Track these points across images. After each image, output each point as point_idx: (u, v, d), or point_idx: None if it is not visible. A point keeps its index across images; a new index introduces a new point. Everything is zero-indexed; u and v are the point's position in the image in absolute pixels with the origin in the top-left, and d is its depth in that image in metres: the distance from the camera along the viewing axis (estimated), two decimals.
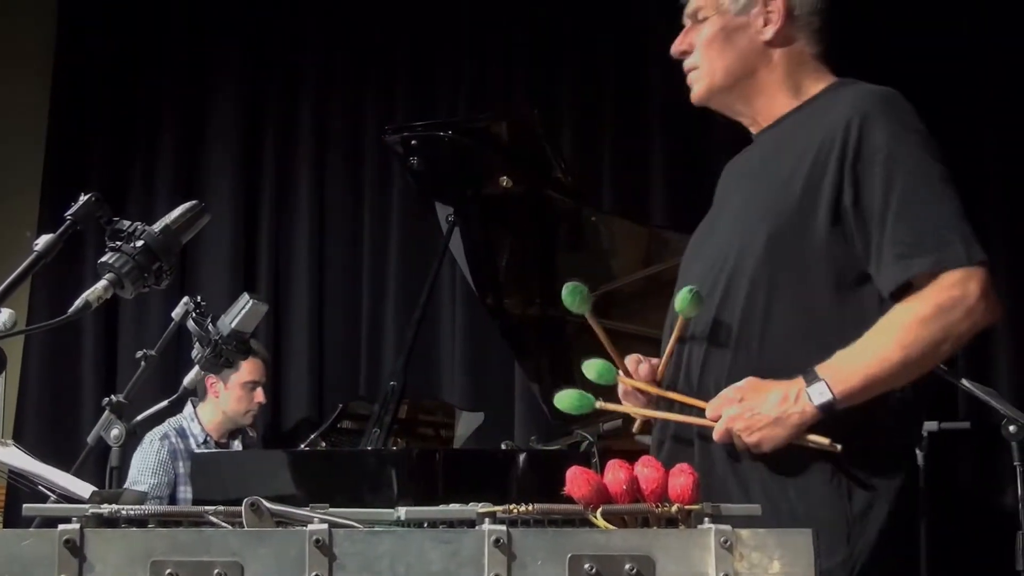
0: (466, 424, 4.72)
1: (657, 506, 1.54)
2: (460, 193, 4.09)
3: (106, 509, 1.51)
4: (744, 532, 1.48)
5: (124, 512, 1.51)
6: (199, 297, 2.76)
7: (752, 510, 1.56)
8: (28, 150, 5.82)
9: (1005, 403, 3.55)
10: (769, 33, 2.19)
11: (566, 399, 2.07)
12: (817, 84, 2.22)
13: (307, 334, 5.61)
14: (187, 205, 2.22)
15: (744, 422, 1.96)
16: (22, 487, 2.52)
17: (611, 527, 1.53)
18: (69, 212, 2.10)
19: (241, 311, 2.62)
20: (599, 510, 1.54)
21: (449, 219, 4.09)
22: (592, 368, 2.17)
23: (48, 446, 5.11)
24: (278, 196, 5.76)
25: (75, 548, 1.43)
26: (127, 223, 2.11)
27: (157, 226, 2.12)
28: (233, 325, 2.62)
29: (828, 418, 1.98)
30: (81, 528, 1.44)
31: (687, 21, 2.27)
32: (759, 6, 2.20)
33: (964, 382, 3.60)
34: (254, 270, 5.71)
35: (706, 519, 1.52)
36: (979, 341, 4.86)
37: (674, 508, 1.53)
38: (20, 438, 5.08)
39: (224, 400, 4.82)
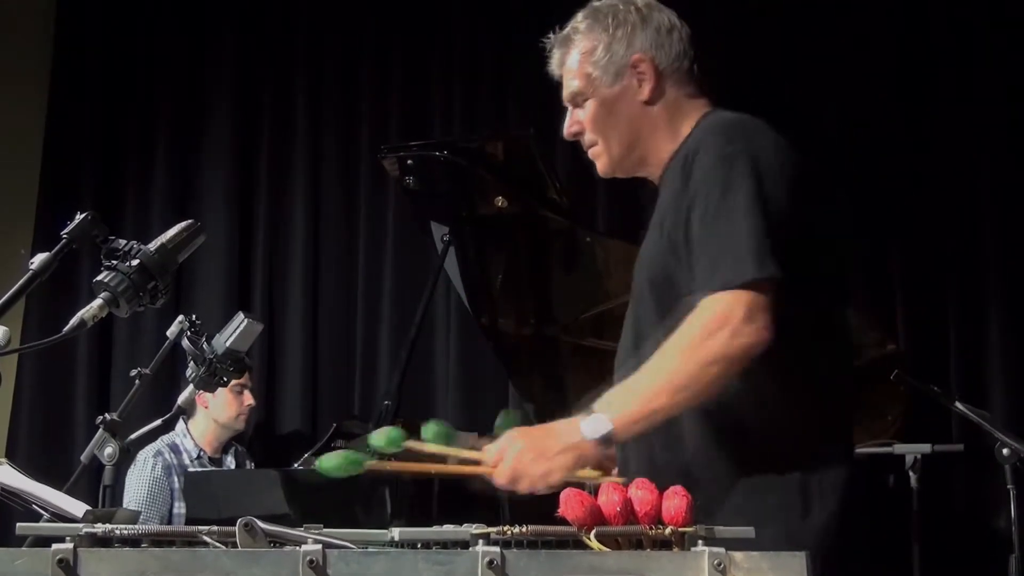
0: (459, 444, 4.70)
1: (651, 528, 1.54)
2: (455, 213, 4.10)
3: (100, 528, 1.51)
4: (738, 554, 1.48)
5: (117, 531, 1.51)
6: (194, 316, 2.76)
7: (746, 532, 1.57)
8: (24, 168, 5.82)
9: (998, 426, 3.57)
10: (646, 93, 2.25)
11: (331, 462, 1.90)
12: (691, 122, 2.26)
13: (301, 353, 5.60)
14: (183, 224, 2.23)
15: (532, 454, 1.93)
16: (15, 506, 2.51)
17: (605, 549, 1.53)
18: (65, 231, 2.10)
19: (236, 330, 2.63)
20: (593, 532, 1.54)
21: (444, 239, 4.10)
22: (382, 436, 2.05)
23: (41, 464, 5.09)
24: (273, 215, 5.76)
25: (68, 567, 1.42)
26: (123, 242, 2.11)
27: (153, 245, 2.13)
28: (228, 344, 2.62)
29: (755, 429, 2.01)
30: (75, 547, 1.44)
31: (568, 105, 2.32)
32: (629, 71, 2.24)
33: (958, 405, 3.62)
34: (249, 289, 5.71)
35: (700, 541, 1.52)
36: (972, 364, 4.92)
37: (668, 530, 1.53)
38: (13, 456, 5.08)
39: (215, 408, 4.84)
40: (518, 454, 1.92)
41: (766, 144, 2.11)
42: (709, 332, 1.95)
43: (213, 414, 4.86)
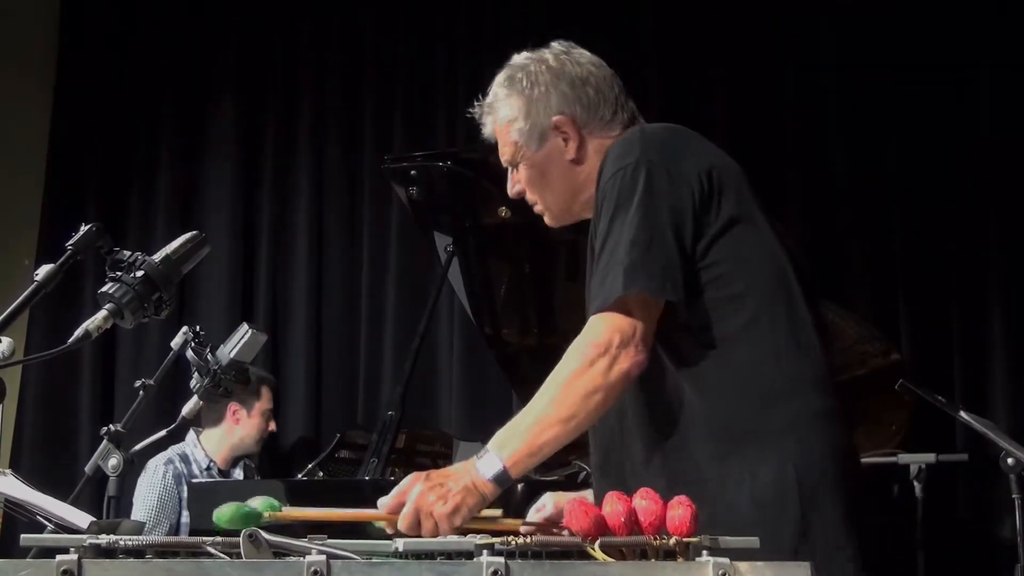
0: (464, 454, 4.69)
1: (655, 538, 1.54)
2: (459, 223, 4.10)
3: (104, 539, 1.51)
4: (742, 565, 1.48)
5: (122, 542, 1.51)
6: (198, 327, 2.76)
7: (750, 543, 1.56)
8: (27, 180, 5.84)
9: (1003, 435, 3.56)
10: (572, 152, 2.24)
11: (224, 514, 1.75)
12: None
13: (305, 363, 5.61)
14: (187, 235, 2.23)
15: (435, 493, 1.88)
16: (19, 517, 2.51)
17: (609, 559, 1.52)
18: (70, 242, 2.10)
19: (240, 341, 2.63)
20: (597, 542, 1.54)
21: (448, 249, 4.10)
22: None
23: (45, 475, 5.09)
24: (276, 226, 5.77)
25: None
26: (127, 253, 2.12)
27: (157, 256, 2.13)
28: (232, 355, 2.62)
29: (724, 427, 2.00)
30: (79, 559, 1.44)
31: (508, 168, 2.33)
32: (551, 133, 2.24)
33: (962, 414, 3.61)
34: (253, 300, 5.72)
35: (704, 551, 1.51)
36: (977, 373, 4.91)
37: (672, 540, 1.53)
38: (17, 467, 5.07)
39: (245, 426, 4.85)
40: (420, 495, 1.88)
41: (670, 151, 2.11)
42: (590, 361, 1.97)
43: (242, 432, 4.86)
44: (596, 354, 1.97)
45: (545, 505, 2.14)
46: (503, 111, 2.27)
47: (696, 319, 2.05)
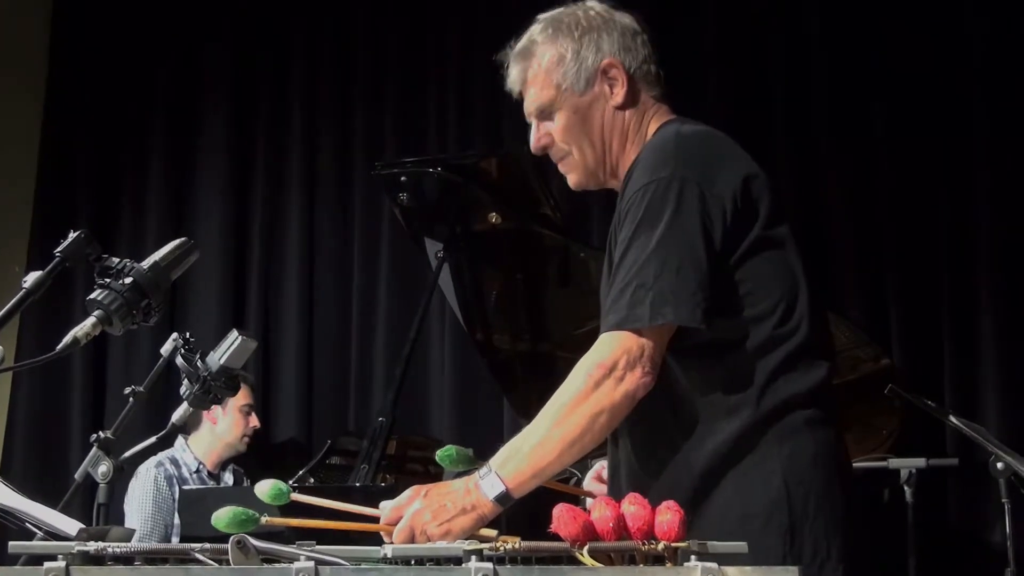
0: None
1: (644, 543, 1.54)
2: (449, 229, 4.11)
3: (92, 547, 1.51)
4: (731, 569, 1.48)
5: (110, 549, 1.51)
6: (188, 333, 2.75)
7: (739, 547, 1.56)
8: (18, 186, 5.83)
9: (993, 440, 3.56)
10: (619, 98, 2.20)
11: (221, 520, 1.81)
12: (652, 131, 2.22)
13: (296, 370, 5.61)
14: (176, 242, 2.23)
15: (431, 512, 1.88)
16: (8, 524, 2.50)
17: (598, 564, 1.53)
18: (59, 249, 2.10)
19: (230, 347, 2.61)
20: (586, 547, 1.54)
21: (438, 255, 4.11)
22: (266, 490, 2.01)
23: (35, 482, 5.09)
24: (267, 232, 5.77)
25: None
26: (116, 260, 2.12)
27: (146, 263, 2.13)
28: (222, 361, 2.60)
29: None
30: (67, 566, 1.44)
31: (532, 120, 2.27)
32: (599, 77, 2.20)
33: (952, 419, 3.62)
34: (243, 306, 5.71)
35: (692, 556, 1.51)
36: (966, 377, 4.91)
37: (660, 546, 1.53)
38: (7, 474, 5.07)
39: (223, 426, 4.88)
40: (416, 513, 1.88)
41: (704, 166, 2.05)
42: (595, 382, 1.94)
43: (220, 432, 4.89)
44: (601, 375, 1.94)
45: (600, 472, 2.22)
46: (547, 52, 2.23)
47: (711, 337, 2.01)
